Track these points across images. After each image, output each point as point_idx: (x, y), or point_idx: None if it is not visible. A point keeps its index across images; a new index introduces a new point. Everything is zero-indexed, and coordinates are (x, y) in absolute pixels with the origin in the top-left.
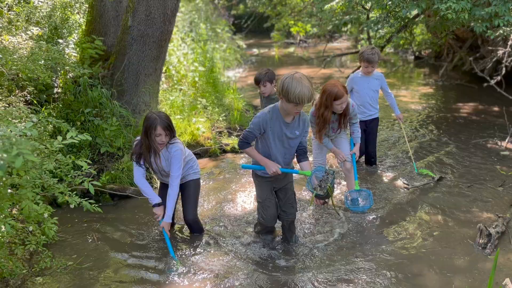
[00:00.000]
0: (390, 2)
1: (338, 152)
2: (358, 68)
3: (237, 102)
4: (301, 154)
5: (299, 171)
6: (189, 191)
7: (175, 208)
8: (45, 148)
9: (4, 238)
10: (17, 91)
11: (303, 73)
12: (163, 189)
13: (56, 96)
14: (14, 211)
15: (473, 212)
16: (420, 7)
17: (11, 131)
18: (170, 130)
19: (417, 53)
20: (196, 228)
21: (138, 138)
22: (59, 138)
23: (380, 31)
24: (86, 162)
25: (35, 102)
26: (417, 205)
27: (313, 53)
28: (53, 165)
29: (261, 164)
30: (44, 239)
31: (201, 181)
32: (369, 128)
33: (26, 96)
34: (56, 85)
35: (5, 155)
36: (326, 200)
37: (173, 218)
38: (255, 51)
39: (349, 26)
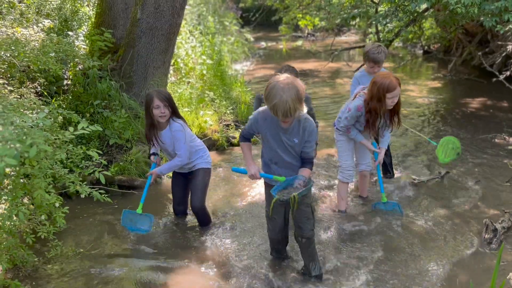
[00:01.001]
0: None
1: (368, 144)
2: (363, 65)
3: (245, 95)
4: (303, 163)
5: (273, 176)
6: (197, 179)
7: (187, 200)
8: (57, 138)
9: (16, 227)
10: (28, 82)
11: (293, 78)
12: (177, 178)
13: (66, 88)
14: (26, 200)
15: (479, 207)
16: (429, 1)
17: (24, 122)
18: (168, 102)
19: (426, 48)
20: (202, 218)
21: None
22: (71, 129)
23: (389, 25)
24: (96, 152)
25: (45, 93)
26: (423, 200)
27: (321, 46)
28: (65, 156)
29: (245, 165)
30: (53, 228)
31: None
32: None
33: (37, 88)
34: (66, 77)
35: (19, 145)
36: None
37: (185, 207)
38: (263, 44)
39: (357, 20)
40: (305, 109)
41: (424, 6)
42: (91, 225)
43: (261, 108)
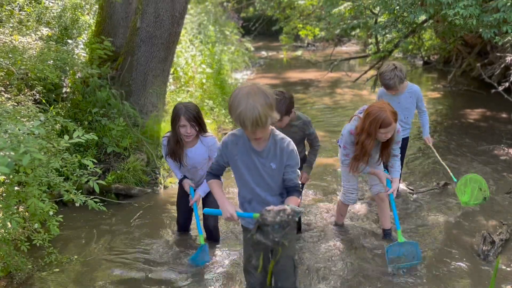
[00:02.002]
0: (398, 7)
1: (380, 174)
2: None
3: None
4: (288, 192)
5: (253, 214)
6: (211, 196)
7: (191, 215)
8: (52, 147)
9: (10, 235)
10: (26, 90)
11: (261, 85)
12: (183, 197)
13: (64, 96)
14: (21, 209)
15: (477, 218)
16: (428, 13)
17: (19, 130)
18: (196, 122)
19: (426, 58)
20: (215, 234)
21: (166, 135)
22: (66, 137)
23: (388, 35)
24: (91, 161)
25: (43, 101)
26: (422, 211)
27: (321, 56)
28: (60, 164)
29: (219, 205)
30: (49, 236)
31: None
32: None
33: (35, 95)
34: (64, 84)
35: (12, 153)
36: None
37: (189, 223)
38: (264, 53)
39: (357, 30)
40: (278, 116)
41: (423, 17)
42: (86, 232)
43: (233, 131)
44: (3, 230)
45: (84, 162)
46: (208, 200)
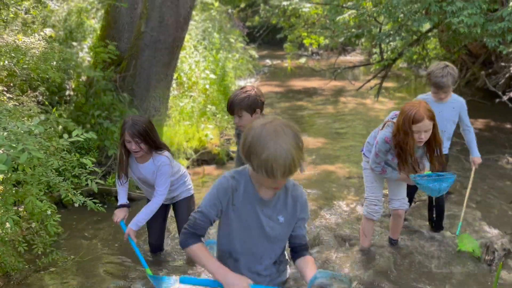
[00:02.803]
0: (402, 15)
1: (410, 180)
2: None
3: None
4: (297, 252)
5: None
6: (183, 211)
7: (164, 233)
8: (51, 146)
9: (8, 236)
10: (29, 91)
11: (285, 121)
12: (154, 215)
13: (68, 98)
14: (21, 209)
15: (480, 228)
16: (432, 21)
17: (18, 127)
18: (141, 139)
19: None
20: None
21: None
22: (65, 136)
23: (392, 43)
24: (90, 160)
25: (46, 103)
26: (423, 220)
27: (326, 65)
28: (58, 163)
29: (216, 278)
30: (50, 239)
31: (205, 189)
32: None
33: (38, 97)
34: (68, 87)
35: (11, 150)
36: None
37: (162, 242)
38: (268, 62)
39: (362, 40)
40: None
41: (427, 25)
42: (84, 234)
43: (229, 173)
44: (0, 230)
45: (83, 161)
46: (179, 216)
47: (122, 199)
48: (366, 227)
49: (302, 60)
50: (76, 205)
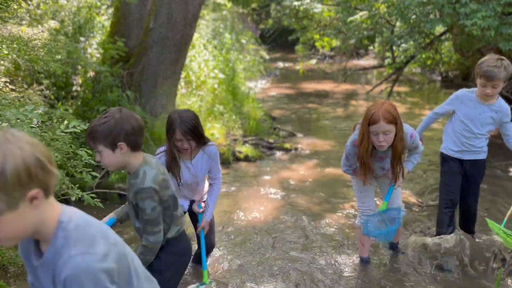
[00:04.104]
0: (414, 16)
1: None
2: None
3: (255, 111)
4: None
5: None
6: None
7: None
8: (48, 136)
9: None
10: (34, 85)
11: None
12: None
13: (74, 94)
14: None
15: (489, 235)
16: (444, 23)
17: (13, 114)
18: (193, 135)
19: (444, 74)
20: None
21: (161, 151)
22: (62, 126)
23: (404, 45)
24: (86, 152)
25: (52, 97)
26: (430, 225)
27: (338, 69)
28: (54, 154)
29: None
30: None
31: None
32: (470, 173)
33: (44, 91)
34: (75, 83)
35: None
36: None
37: (213, 245)
38: (280, 64)
39: (376, 44)
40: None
41: (440, 28)
42: None
43: None
44: None
45: (78, 152)
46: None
47: (184, 202)
48: (362, 237)
49: (313, 61)
50: (73, 199)
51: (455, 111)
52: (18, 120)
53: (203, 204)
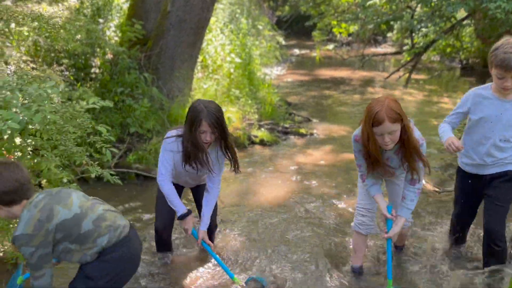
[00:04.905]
0: (435, 0)
1: (383, 207)
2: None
3: (271, 96)
4: None
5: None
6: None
7: (173, 222)
8: (67, 112)
9: None
10: (54, 65)
11: None
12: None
13: (93, 75)
14: (44, 182)
15: (509, 224)
16: (467, 6)
17: (34, 91)
18: (220, 128)
19: (464, 62)
20: (213, 232)
21: (172, 135)
22: (82, 102)
23: (424, 29)
24: (105, 128)
25: (71, 77)
26: (447, 213)
27: (356, 56)
28: (74, 130)
29: None
30: None
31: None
32: (493, 189)
33: (64, 72)
34: (94, 64)
35: (25, 112)
36: None
37: (169, 236)
38: (296, 51)
39: (394, 31)
40: None
41: (462, 11)
42: None
43: None
44: None
45: (99, 129)
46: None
47: (182, 206)
48: (355, 242)
49: (330, 46)
50: (93, 176)
51: (469, 116)
52: (39, 95)
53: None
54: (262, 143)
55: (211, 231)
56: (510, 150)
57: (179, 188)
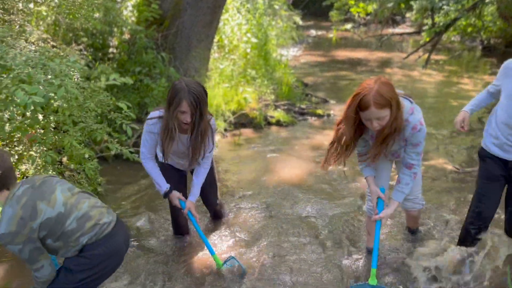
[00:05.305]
0: None
1: (373, 190)
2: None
3: (288, 77)
4: None
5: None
6: (210, 175)
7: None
8: (89, 88)
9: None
10: (73, 44)
11: None
12: (171, 174)
13: (111, 55)
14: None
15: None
16: None
17: (57, 65)
18: (198, 107)
19: (485, 42)
20: (221, 212)
21: (154, 116)
22: (103, 79)
23: (445, 7)
24: (126, 104)
25: (90, 57)
26: (464, 191)
27: (373, 35)
28: (95, 105)
29: None
30: (88, 188)
31: (240, 151)
32: None
33: (82, 51)
34: (111, 44)
35: (47, 87)
36: None
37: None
38: (313, 32)
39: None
40: None
41: None
42: (124, 188)
43: None
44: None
45: (119, 105)
46: (207, 179)
47: (164, 184)
48: (369, 225)
49: (348, 25)
50: (113, 152)
51: (501, 90)
52: (61, 72)
53: (186, 205)
54: (279, 123)
55: (216, 210)
56: None
57: (180, 173)
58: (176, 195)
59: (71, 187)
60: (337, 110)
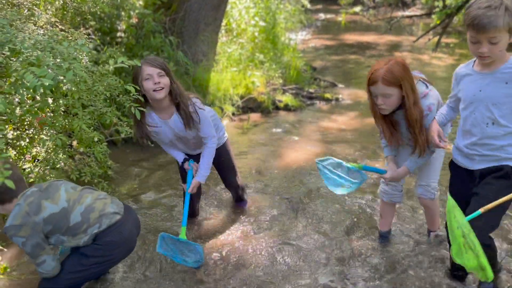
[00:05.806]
0: None
1: (391, 167)
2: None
3: (296, 61)
4: None
5: None
6: (225, 156)
7: (198, 202)
8: (97, 71)
9: (60, 165)
10: (81, 28)
11: None
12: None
13: (119, 40)
14: (75, 143)
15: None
16: None
17: (65, 48)
18: (165, 70)
19: None
20: (241, 193)
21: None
22: (111, 61)
23: None
24: (134, 87)
25: (98, 41)
26: None
27: (383, 18)
28: (104, 88)
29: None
30: (98, 170)
31: (249, 135)
32: (480, 189)
33: (90, 36)
34: (119, 28)
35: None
36: None
37: (195, 211)
38: (322, 16)
39: None
40: None
41: None
42: (133, 170)
43: None
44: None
45: (127, 88)
46: (223, 163)
47: (179, 156)
48: (381, 208)
49: (357, 8)
50: (123, 135)
51: (460, 98)
52: (69, 55)
53: (194, 167)
54: (287, 108)
55: (237, 192)
56: (503, 139)
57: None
58: (189, 166)
59: (75, 186)
60: (346, 94)
